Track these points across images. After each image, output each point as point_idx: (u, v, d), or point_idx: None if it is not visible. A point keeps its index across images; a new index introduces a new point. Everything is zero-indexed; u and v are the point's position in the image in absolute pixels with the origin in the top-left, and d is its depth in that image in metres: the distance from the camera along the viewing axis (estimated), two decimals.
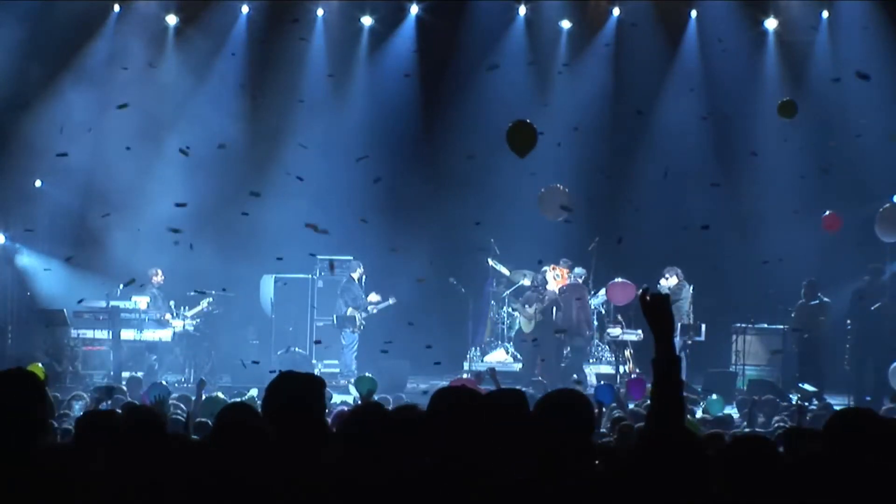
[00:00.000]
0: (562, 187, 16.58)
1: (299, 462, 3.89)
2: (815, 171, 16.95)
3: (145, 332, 17.47)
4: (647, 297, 3.83)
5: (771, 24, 19.22)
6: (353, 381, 14.04)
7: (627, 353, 17.10)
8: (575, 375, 15.68)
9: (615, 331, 17.52)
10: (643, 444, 3.66)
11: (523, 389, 5.45)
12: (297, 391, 4.11)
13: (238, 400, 8.66)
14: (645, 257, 17.35)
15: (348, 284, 17.82)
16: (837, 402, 14.46)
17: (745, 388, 16.05)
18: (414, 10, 19.56)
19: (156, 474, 4.08)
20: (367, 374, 11.40)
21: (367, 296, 17.88)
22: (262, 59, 19.11)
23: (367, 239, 17.57)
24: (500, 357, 18.18)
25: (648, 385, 15.87)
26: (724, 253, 18.06)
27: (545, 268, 17.38)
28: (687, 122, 18.84)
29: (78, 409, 10.15)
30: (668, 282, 16.87)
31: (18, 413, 3.65)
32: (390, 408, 5.04)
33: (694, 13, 19.38)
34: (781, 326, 17.30)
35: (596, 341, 18.15)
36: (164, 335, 17.37)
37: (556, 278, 17.32)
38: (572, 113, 18.86)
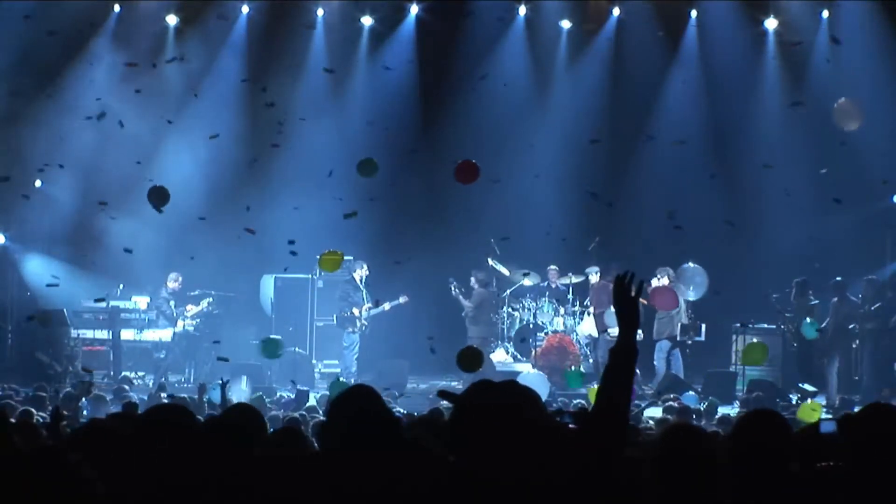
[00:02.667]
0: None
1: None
2: (815, 173, 16.94)
3: (145, 332, 17.51)
4: (624, 283, 3.59)
5: (771, 24, 19.21)
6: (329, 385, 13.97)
7: None
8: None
9: (615, 331, 17.46)
10: (589, 427, 3.46)
11: None
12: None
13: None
14: (645, 257, 17.32)
15: (345, 285, 17.76)
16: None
17: (744, 388, 16.05)
18: (414, 10, 19.55)
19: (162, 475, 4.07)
20: (339, 379, 11.39)
21: (371, 299, 17.67)
22: (261, 59, 19.07)
23: (366, 238, 17.56)
24: (499, 357, 18.12)
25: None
26: (724, 253, 18.04)
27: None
28: (687, 121, 18.84)
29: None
30: (661, 282, 16.84)
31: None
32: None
33: (694, 13, 19.37)
34: (782, 327, 17.29)
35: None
36: (165, 335, 17.39)
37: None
38: (572, 113, 18.88)
